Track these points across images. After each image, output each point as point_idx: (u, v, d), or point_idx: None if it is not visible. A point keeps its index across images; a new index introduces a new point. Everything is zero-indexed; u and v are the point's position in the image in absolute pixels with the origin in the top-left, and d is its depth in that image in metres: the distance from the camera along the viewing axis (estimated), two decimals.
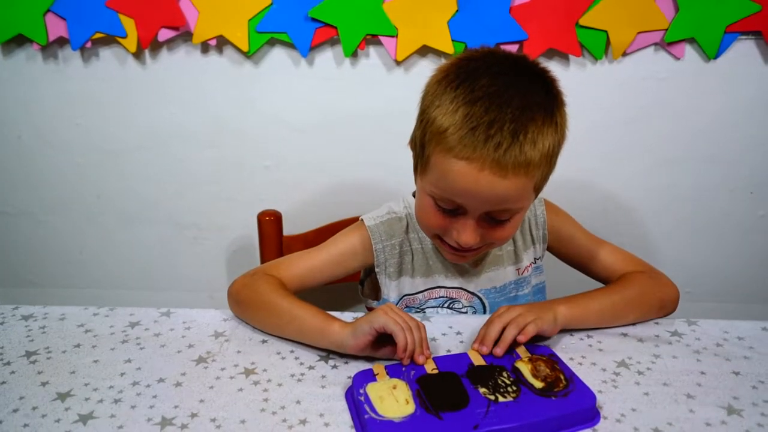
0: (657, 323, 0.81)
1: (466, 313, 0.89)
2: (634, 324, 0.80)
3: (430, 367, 0.67)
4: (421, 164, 0.74)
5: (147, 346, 0.74)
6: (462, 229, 0.72)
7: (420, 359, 0.68)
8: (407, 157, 0.78)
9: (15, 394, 0.65)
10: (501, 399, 0.62)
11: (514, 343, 0.70)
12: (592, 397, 0.63)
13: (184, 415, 0.62)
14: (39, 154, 1.23)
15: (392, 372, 0.67)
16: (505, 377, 0.66)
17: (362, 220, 0.87)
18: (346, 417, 0.62)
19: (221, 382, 0.68)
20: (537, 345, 0.72)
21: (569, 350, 0.74)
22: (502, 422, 0.59)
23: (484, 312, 0.89)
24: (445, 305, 0.89)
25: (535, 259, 0.91)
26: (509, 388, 0.64)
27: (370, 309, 0.95)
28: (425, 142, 0.71)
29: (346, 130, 1.19)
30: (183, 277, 1.33)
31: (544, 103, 0.68)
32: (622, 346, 0.75)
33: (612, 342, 0.76)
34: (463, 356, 0.70)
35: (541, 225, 0.89)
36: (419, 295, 0.88)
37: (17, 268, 1.35)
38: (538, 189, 0.74)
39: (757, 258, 1.29)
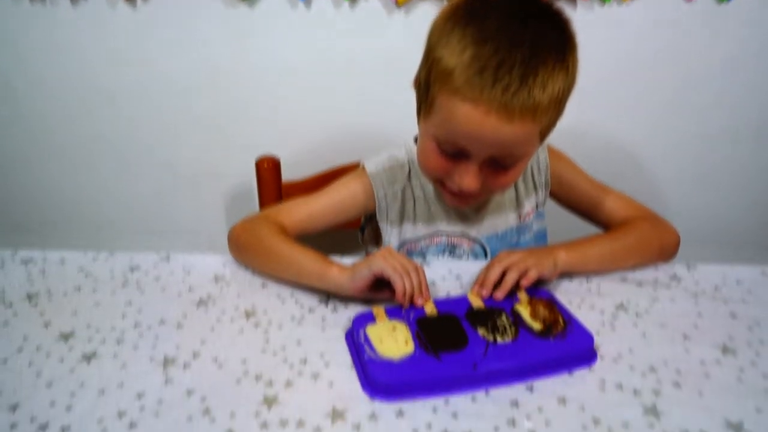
0: (656, 268, 0.81)
1: (468, 259, 0.89)
2: (633, 269, 0.80)
3: (430, 309, 0.68)
4: (425, 106, 0.71)
5: (147, 290, 0.75)
6: (464, 174, 0.71)
7: (419, 302, 0.68)
8: (407, 102, 0.76)
9: (19, 334, 0.66)
10: (500, 340, 0.63)
11: (515, 287, 0.71)
12: (589, 338, 0.63)
13: (186, 355, 0.63)
14: (31, 98, 1.20)
15: (392, 314, 0.67)
16: (504, 319, 0.66)
17: (363, 166, 0.86)
18: (346, 357, 0.63)
19: (222, 324, 0.68)
20: (536, 288, 0.73)
21: (568, 294, 0.75)
22: (500, 362, 0.60)
23: (486, 258, 0.89)
24: (447, 251, 0.89)
25: (536, 205, 0.90)
26: (508, 330, 0.64)
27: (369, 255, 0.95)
28: (430, 83, 0.68)
29: (345, 75, 1.16)
30: (182, 223, 1.33)
31: (556, 46, 0.65)
32: (620, 290, 0.76)
33: (611, 286, 0.76)
34: (463, 299, 0.70)
35: (543, 170, 0.88)
36: (421, 242, 0.88)
37: (15, 214, 1.34)
38: (544, 135, 0.72)
39: (760, 204, 1.28)
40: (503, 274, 0.71)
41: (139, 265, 0.80)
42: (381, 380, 0.58)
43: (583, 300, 0.73)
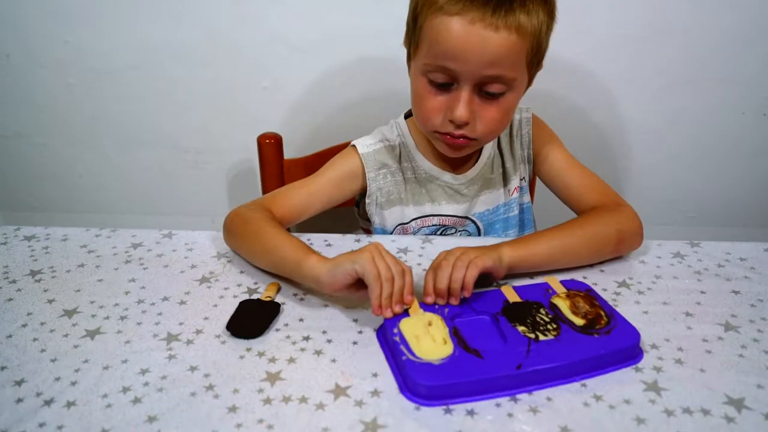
0: (659, 245, 0.80)
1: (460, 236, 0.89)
2: (590, 262, 0.76)
3: (414, 310, 0.63)
4: (413, 44, 0.73)
5: (150, 267, 0.75)
6: (455, 104, 0.71)
7: (396, 309, 0.62)
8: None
9: (23, 310, 0.66)
10: (541, 337, 0.59)
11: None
12: (635, 334, 0.60)
13: (189, 332, 0.63)
14: (30, 73, 1.19)
15: (426, 306, 0.64)
16: (543, 314, 0.63)
17: (354, 146, 0.85)
18: (349, 334, 0.63)
19: (225, 301, 0.69)
20: (571, 279, 0.69)
21: (570, 272, 0.74)
22: (545, 361, 0.56)
23: (479, 234, 0.90)
24: (438, 233, 0.89)
25: (521, 179, 0.90)
26: (549, 326, 0.61)
27: (365, 230, 0.95)
28: (417, 15, 0.71)
29: (348, 49, 1.14)
30: (184, 202, 1.33)
31: None
32: (623, 268, 0.76)
33: (613, 264, 0.76)
34: (497, 293, 0.67)
35: (526, 145, 0.89)
36: (412, 224, 0.88)
37: (16, 192, 1.34)
38: (530, 67, 0.72)
39: (765, 182, 1.27)
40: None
41: (141, 242, 0.80)
42: (423, 384, 0.54)
43: (585, 278, 0.73)
